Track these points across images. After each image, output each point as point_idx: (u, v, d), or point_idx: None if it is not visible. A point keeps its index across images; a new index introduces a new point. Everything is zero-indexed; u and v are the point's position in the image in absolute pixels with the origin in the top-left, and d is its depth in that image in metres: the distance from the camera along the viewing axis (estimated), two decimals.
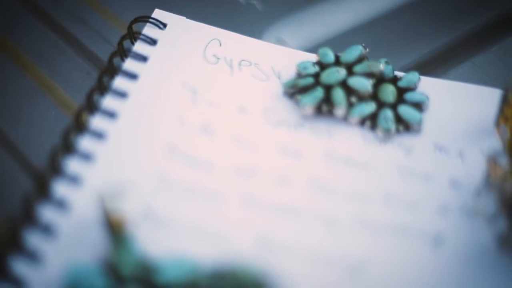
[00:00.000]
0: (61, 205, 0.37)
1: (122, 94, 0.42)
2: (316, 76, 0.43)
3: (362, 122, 0.42)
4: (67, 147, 0.39)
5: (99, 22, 0.48)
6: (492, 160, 0.37)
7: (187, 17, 0.47)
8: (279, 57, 0.45)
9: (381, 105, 0.42)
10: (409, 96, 0.43)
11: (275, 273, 0.34)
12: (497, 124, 0.40)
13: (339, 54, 0.44)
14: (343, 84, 0.42)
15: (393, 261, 0.37)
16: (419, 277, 0.36)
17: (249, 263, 0.34)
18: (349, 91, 0.42)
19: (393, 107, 0.42)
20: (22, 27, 0.48)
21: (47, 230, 0.36)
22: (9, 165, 0.41)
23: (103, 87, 0.42)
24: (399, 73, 0.44)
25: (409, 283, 0.36)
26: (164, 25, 0.46)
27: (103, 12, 0.49)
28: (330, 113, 0.42)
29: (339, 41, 0.48)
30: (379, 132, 0.41)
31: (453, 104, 0.43)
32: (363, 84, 0.42)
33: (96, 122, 0.41)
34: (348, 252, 0.37)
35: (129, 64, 0.43)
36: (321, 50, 0.44)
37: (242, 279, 0.33)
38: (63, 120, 0.42)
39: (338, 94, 0.42)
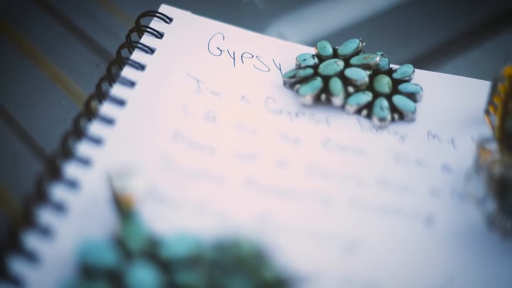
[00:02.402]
0: (72, 184, 0.38)
1: (130, 83, 0.43)
2: (315, 67, 0.44)
3: (358, 110, 0.43)
4: (78, 132, 0.41)
5: (106, 17, 0.50)
6: (481, 146, 0.39)
7: (192, 13, 0.48)
8: (279, 50, 0.46)
9: (377, 95, 0.44)
10: (403, 87, 0.44)
11: (274, 246, 0.35)
12: (487, 112, 0.42)
13: (337, 47, 0.45)
14: (341, 75, 0.43)
15: (387, 239, 0.38)
16: (411, 255, 0.37)
17: (250, 236, 0.35)
18: (347, 81, 0.43)
19: (388, 97, 0.44)
20: (32, 21, 0.50)
21: (59, 207, 0.38)
22: (23, 151, 0.42)
23: (111, 77, 0.44)
24: (394, 66, 0.45)
25: (401, 260, 0.37)
26: (170, 20, 0.47)
27: (109, 7, 0.51)
28: (328, 102, 0.43)
29: (338, 37, 0.48)
30: (375, 120, 0.43)
31: (446, 95, 0.44)
32: (360, 74, 0.43)
33: (105, 108, 0.42)
34: (344, 230, 0.38)
35: (136, 56, 0.45)
36: (319, 43, 0.45)
37: (243, 251, 0.34)
38: (73, 110, 0.44)
39: (336, 84, 0.43)
